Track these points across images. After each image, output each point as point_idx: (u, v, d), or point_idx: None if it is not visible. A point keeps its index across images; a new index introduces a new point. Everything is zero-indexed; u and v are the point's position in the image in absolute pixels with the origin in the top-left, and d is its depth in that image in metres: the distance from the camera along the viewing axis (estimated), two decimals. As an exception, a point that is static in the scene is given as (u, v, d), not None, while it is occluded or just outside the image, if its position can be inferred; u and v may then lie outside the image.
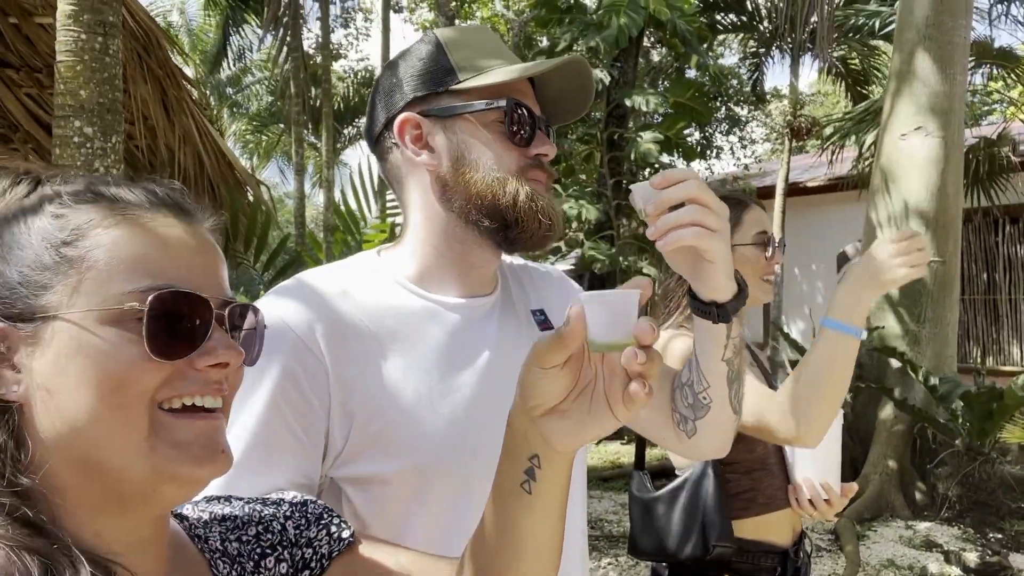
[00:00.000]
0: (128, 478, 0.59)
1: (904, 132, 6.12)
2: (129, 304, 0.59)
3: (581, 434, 0.67)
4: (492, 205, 1.01)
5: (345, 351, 0.96)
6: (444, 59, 1.03)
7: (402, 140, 1.04)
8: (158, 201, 0.65)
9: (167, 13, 16.25)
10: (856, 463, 5.93)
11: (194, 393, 0.61)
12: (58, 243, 0.61)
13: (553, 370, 0.65)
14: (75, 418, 0.58)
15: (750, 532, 1.62)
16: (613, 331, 0.64)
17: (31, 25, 4.17)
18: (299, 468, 0.93)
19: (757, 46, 12.25)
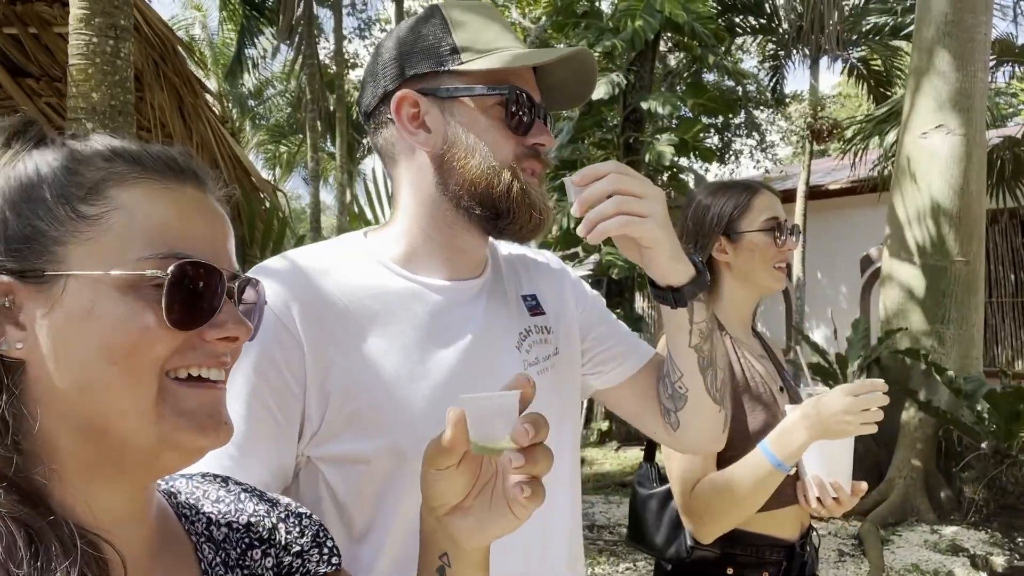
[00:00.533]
0: (132, 444, 0.58)
1: (925, 130, 6.03)
2: (151, 271, 0.57)
3: (484, 531, 0.69)
4: (485, 193, 0.99)
5: (322, 330, 0.94)
6: (448, 37, 1.00)
7: (398, 117, 1.01)
8: (176, 166, 0.63)
9: (189, 27, 16.50)
10: (881, 467, 5.83)
11: (202, 365, 0.61)
12: (73, 199, 0.58)
13: (448, 471, 0.66)
14: (83, 381, 0.57)
15: (756, 526, 1.58)
16: (492, 433, 0.65)
17: (50, 35, 4.25)
18: (278, 448, 0.93)
19: (776, 48, 12.16)
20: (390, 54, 1.04)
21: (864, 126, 10.14)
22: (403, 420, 0.95)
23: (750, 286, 1.74)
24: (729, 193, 1.74)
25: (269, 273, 0.98)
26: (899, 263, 6.17)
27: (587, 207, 0.92)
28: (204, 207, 0.63)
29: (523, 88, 1.00)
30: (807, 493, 1.59)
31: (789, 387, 1.77)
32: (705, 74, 11.22)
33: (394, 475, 0.94)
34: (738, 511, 1.52)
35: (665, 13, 8.50)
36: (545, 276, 1.21)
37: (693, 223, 1.75)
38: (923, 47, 6.14)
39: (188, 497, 0.72)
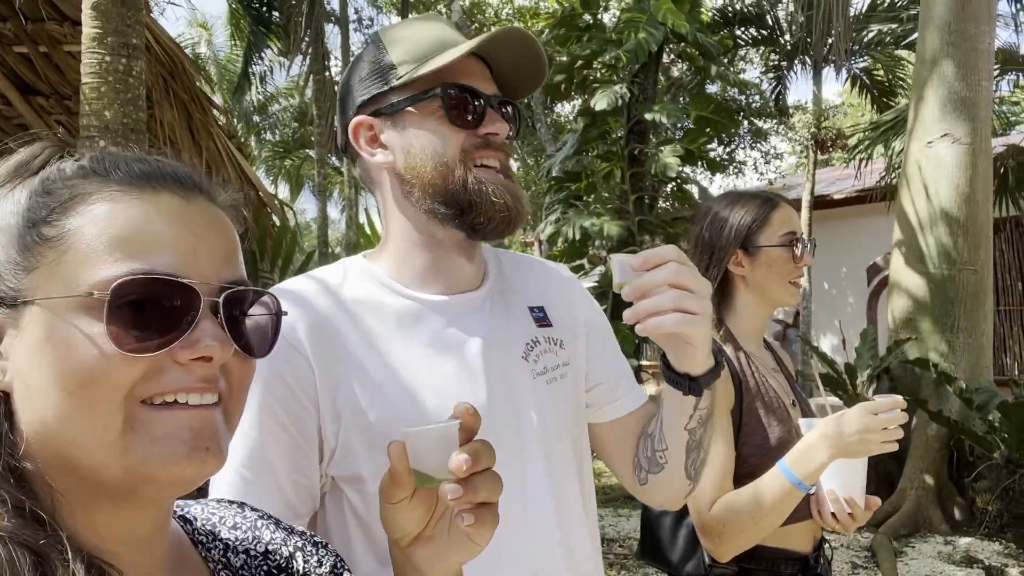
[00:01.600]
0: (103, 478, 0.55)
1: (931, 139, 6.04)
2: (98, 292, 0.53)
3: (446, 559, 0.70)
4: (443, 191, 1.01)
5: (330, 350, 0.96)
6: (385, 57, 1.04)
7: (357, 143, 1.06)
8: (156, 175, 0.59)
9: (195, 45, 16.63)
10: (892, 478, 5.79)
11: (176, 390, 0.55)
12: (40, 223, 0.56)
13: (402, 503, 0.67)
14: (45, 413, 0.54)
15: (770, 540, 1.57)
16: (432, 465, 0.65)
17: (60, 53, 4.29)
18: (296, 466, 0.94)
19: (779, 59, 12.21)
20: (345, 89, 1.09)
21: (869, 135, 10.16)
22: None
23: (764, 300, 1.73)
24: (748, 206, 1.72)
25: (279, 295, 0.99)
26: (907, 272, 6.16)
27: (640, 295, 0.88)
28: (181, 214, 0.58)
29: (461, 83, 1.02)
30: (822, 508, 1.58)
31: (801, 400, 1.76)
32: (708, 85, 11.26)
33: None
34: (757, 530, 1.50)
35: (668, 25, 8.55)
36: (555, 288, 1.21)
37: (710, 235, 1.74)
38: (927, 57, 6.15)
39: (204, 523, 0.70)
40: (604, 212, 8.73)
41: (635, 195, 9.20)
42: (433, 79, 1.01)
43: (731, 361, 1.63)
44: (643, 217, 9.14)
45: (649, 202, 9.69)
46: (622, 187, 9.36)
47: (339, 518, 0.98)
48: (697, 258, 1.76)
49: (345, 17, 9.77)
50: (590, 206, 8.96)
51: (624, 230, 8.79)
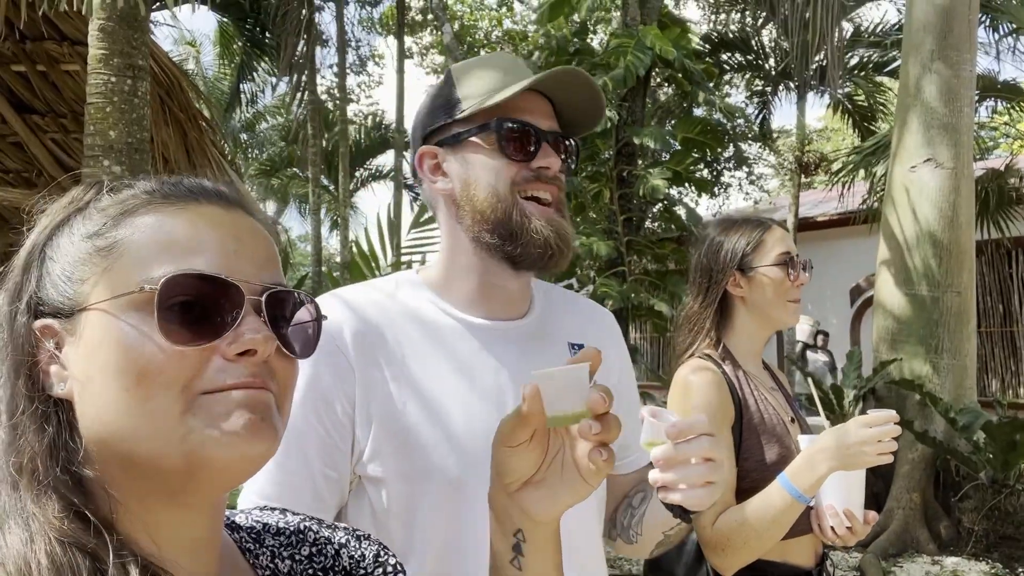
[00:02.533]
0: (163, 467, 0.56)
1: (914, 164, 6.16)
2: (148, 286, 0.56)
3: (557, 502, 0.71)
4: (493, 219, 1.07)
5: (371, 356, 1.03)
6: (451, 91, 1.12)
7: (421, 170, 1.14)
8: (198, 189, 0.64)
9: (183, 62, 16.63)
10: (878, 498, 5.83)
11: (229, 387, 0.57)
12: (92, 235, 0.60)
13: (521, 446, 0.69)
14: (106, 412, 0.57)
15: (772, 554, 1.60)
16: (567, 404, 0.67)
17: (58, 72, 4.31)
18: (330, 461, 1.00)
19: (763, 84, 12.41)
20: (417, 120, 1.18)
21: (852, 159, 10.34)
22: (439, 446, 1.01)
23: (763, 320, 1.78)
24: (742, 229, 1.79)
25: (328, 302, 1.07)
26: (892, 293, 6.24)
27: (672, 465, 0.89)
28: (224, 222, 0.61)
29: (519, 119, 1.08)
30: (822, 522, 1.61)
31: (799, 418, 1.80)
32: (695, 109, 11.42)
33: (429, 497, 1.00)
34: (759, 543, 1.54)
35: (656, 50, 8.68)
36: (596, 329, 1.26)
37: (707, 259, 1.79)
38: (909, 83, 6.29)
39: (249, 531, 0.72)
40: (593, 232, 8.80)
41: (623, 216, 9.28)
42: (492, 113, 1.08)
43: (731, 379, 1.67)
44: (631, 237, 9.21)
45: (637, 223, 9.78)
46: (611, 208, 9.44)
47: (358, 516, 1.03)
48: (696, 282, 1.82)
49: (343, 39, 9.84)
50: (579, 226, 9.03)
51: (613, 250, 8.86)
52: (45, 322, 0.59)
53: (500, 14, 16.83)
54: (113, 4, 2.69)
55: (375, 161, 15.73)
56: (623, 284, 8.76)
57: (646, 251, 9.51)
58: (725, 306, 1.79)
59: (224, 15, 9.72)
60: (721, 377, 1.66)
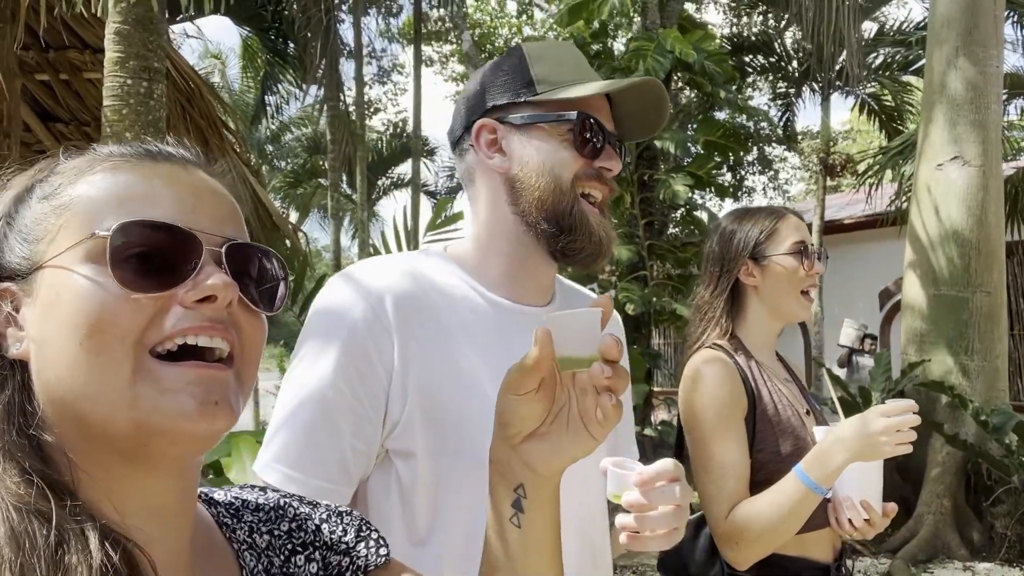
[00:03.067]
0: (113, 432, 0.55)
1: (940, 162, 6.05)
2: (100, 231, 0.55)
3: (561, 455, 0.70)
4: (552, 209, 1.07)
5: (411, 328, 1.00)
6: (525, 71, 1.10)
7: (478, 143, 1.11)
8: (156, 150, 0.63)
9: (208, 75, 16.91)
10: (908, 503, 5.71)
11: (186, 331, 0.55)
12: (48, 195, 0.60)
13: (528, 395, 0.68)
14: (59, 367, 0.55)
15: (789, 548, 1.56)
16: (579, 349, 0.67)
17: (80, 81, 4.39)
18: (360, 433, 0.97)
19: (787, 86, 12.30)
20: (474, 88, 1.14)
21: (878, 159, 10.18)
22: (472, 424, 0.98)
23: (776, 311, 1.74)
24: (755, 218, 1.76)
25: (362, 270, 1.06)
26: (919, 295, 6.13)
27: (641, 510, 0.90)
28: (181, 179, 0.61)
29: (593, 115, 1.08)
30: (839, 515, 1.57)
31: (815, 410, 1.76)
32: (717, 112, 11.34)
33: (457, 476, 0.98)
34: (774, 536, 1.50)
35: (676, 53, 8.64)
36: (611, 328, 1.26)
37: (719, 248, 1.76)
38: (934, 79, 6.19)
39: (228, 507, 0.71)
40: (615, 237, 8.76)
41: (645, 220, 9.23)
42: (569, 104, 1.07)
43: (743, 370, 1.64)
44: (653, 242, 9.16)
45: (659, 227, 9.72)
46: (631, 212, 9.39)
47: (384, 490, 1.01)
48: (708, 272, 1.79)
49: (359, 48, 9.93)
50: (600, 231, 8.99)
51: (634, 255, 8.81)
52: (2, 285, 0.58)
53: (520, 21, 16.90)
54: (128, 8, 2.73)
55: (397, 169, 15.85)
56: (644, 289, 8.70)
57: (668, 256, 9.44)
58: (737, 296, 1.76)
59: (247, 27, 9.87)
60: (733, 367, 1.62)
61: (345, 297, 1.01)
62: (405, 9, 13.29)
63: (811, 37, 8.55)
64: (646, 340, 9.47)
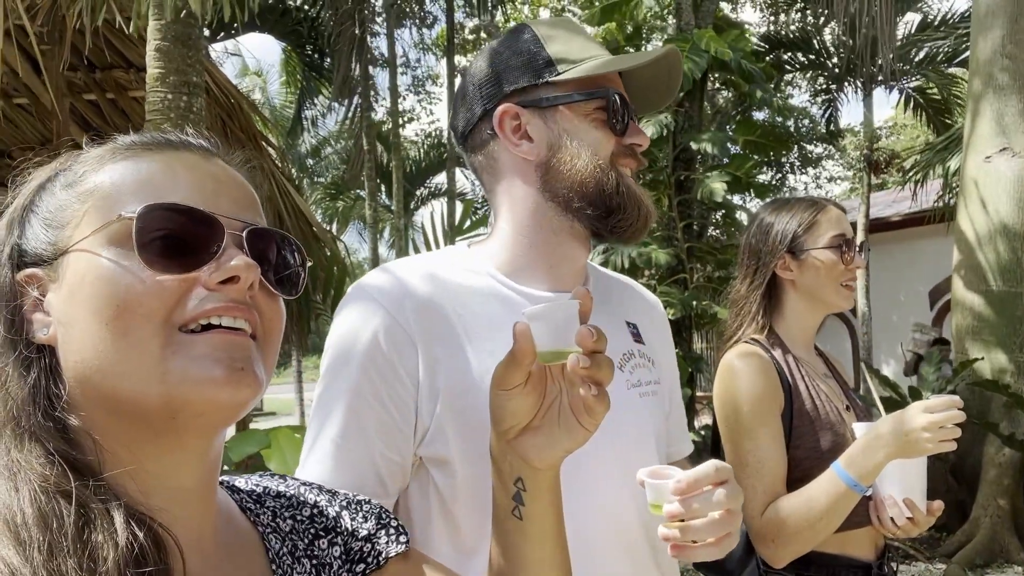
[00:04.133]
0: (143, 407, 0.56)
1: (989, 154, 5.87)
2: (125, 212, 0.57)
3: (556, 447, 0.70)
4: (596, 192, 1.02)
5: (434, 330, 0.97)
6: (541, 51, 1.04)
7: (502, 131, 1.05)
8: (179, 141, 0.65)
9: (249, 92, 17.30)
10: (964, 506, 5.52)
11: (209, 313, 0.57)
12: (72, 183, 0.62)
13: (516, 390, 0.69)
14: (87, 348, 0.57)
15: (829, 546, 1.53)
16: (557, 341, 0.67)
17: (126, 99, 4.53)
18: (391, 443, 0.94)
19: (827, 83, 12.08)
20: (485, 74, 1.08)
21: (924, 155, 9.93)
22: None
23: (815, 304, 1.71)
24: (793, 210, 1.72)
25: (381, 276, 1.02)
26: (969, 291, 5.95)
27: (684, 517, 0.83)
28: (201, 167, 0.62)
29: (619, 91, 1.05)
30: (880, 513, 1.53)
31: (855, 405, 1.72)
32: (755, 112, 11.19)
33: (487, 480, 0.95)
34: (812, 534, 1.47)
35: (712, 52, 8.56)
36: (647, 311, 1.22)
37: (756, 240, 1.73)
38: (980, 70, 6.02)
39: (249, 494, 0.72)
40: (651, 240, 8.68)
41: (683, 222, 9.14)
42: (595, 82, 1.03)
43: (780, 365, 1.61)
44: (692, 244, 9.06)
45: (698, 229, 9.61)
46: (670, 214, 9.31)
47: (423, 502, 0.97)
48: (744, 265, 1.76)
49: (393, 59, 10.07)
50: (638, 234, 8.93)
51: (672, 258, 8.72)
52: (28, 271, 0.60)
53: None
54: (168, 25, 2.81)
55: (435, 179, 15.98)
56: (684, 292, 8.61)
57: (708, 258, 9.33)
58: (774, 289, 1.72)
59: (283, 41, 10.08)
60: (769, 362, 1.60)
61: (362, 308, 0.97)
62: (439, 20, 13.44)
63: (851, 32, 8.38)
64: (687, 344, 9.36)
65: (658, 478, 0.87)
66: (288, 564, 0.67)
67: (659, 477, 0.87)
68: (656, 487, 0.86)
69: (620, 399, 1.04)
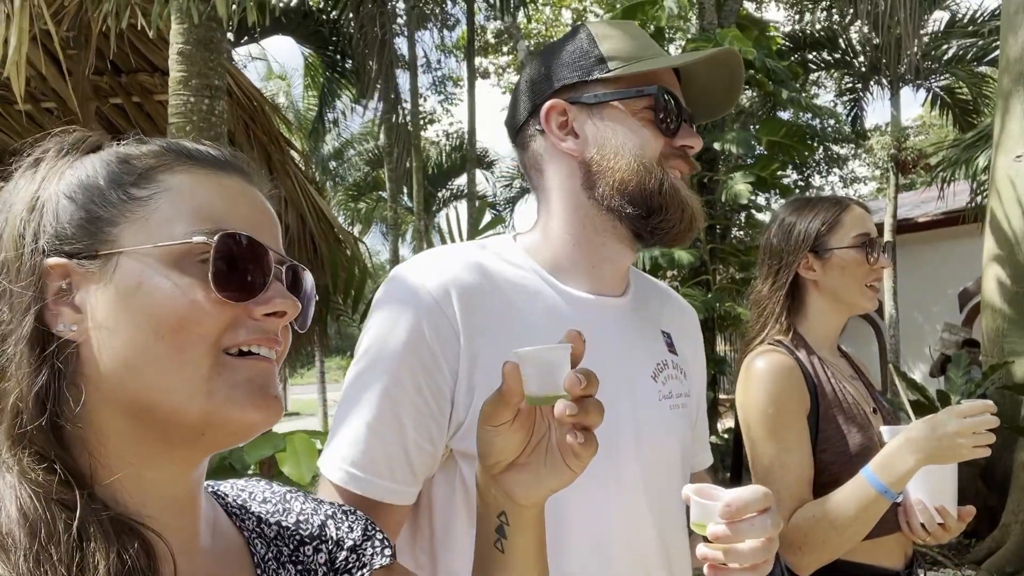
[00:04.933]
0: (178, 421, 0.58)
1: (1019, 153, 5.75)
2: (198, 238, 0.58)
3: (541, 486, 0.70)
4: (637, 191, 1.00)
5: (476, 322, 0.95)
6: (594, 49, 1.04)
7: (547, 126, 1.04)
8: (223, 160, 0.66)
9: (273, 96, 17.46)
10: (993, 512, 5.41)
11: (251, 342, 0.60)
12: (125, 183, 0.61)
13: (503, 427, 0.68)
14: (131, 358, 0.57)
15: (856, 554, 1.49)
16: (546, 384, 0.66)
17: (151, 103, 4.58)
18: (425, 432, 0.93)
19: (854, 81, 11.93)
20: (538, 71, 1.08)
21: (951, 154, 9.75)
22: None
23: (839, 305, 1.67)
24: (816, 209, 1.68)
25: (427, 261, 1.01)
26: (999, 293, 5.83)
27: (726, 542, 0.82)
28: (248, 195, 0.65)
29: (670, 90, 1.03)
30: (910, 519, 1.49)
31: (882, 408, 1.68)
32: (780, 112, 11.07)
33: None
34: (840, 541, 1.43)
35: (735, 52, 8.49)
36: (683, 321, 1.21)
37: (778, 240, 1.70)
38: (1010, 67, 5.90)
39: (235, 499, 0.73)
40: (674, 242, 8.63)
41: (706, 224, 9.07)
42: (645, 79, 1.02)
43: (804, 366, 1.58)
44: (716, 245, 8.99)
45: (721, 231, 9.53)
46: (693, 216, 9.24)
47: (447, 492, 0.96)
48: (766, 265, 1.73)
49: (414, 61, 10.10)
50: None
51: (695, 259, 8.65)
52: (59, 260, 0.59)
53: (576, 29, 16.85)
54: (190, 28, 2.84)
55: (456, 181, 16.01)
56: (708, 294, 8.54)
57: (731, 259, 9.25)
58: (797, 290, 1.69)
59: (306, 44, 10.15)
60: (794, 364, 1.56)
61: (406, 292, 0.96)
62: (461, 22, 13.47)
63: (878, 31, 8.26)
64: (710, 346, 9.28)
65: (704, 496, 0.86)
66: (273, 569, 0.68)
67: (705, 495, 0.86)
68: (704, 507, 0.85)
69: (652, 410, 1.04)
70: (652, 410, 1.04)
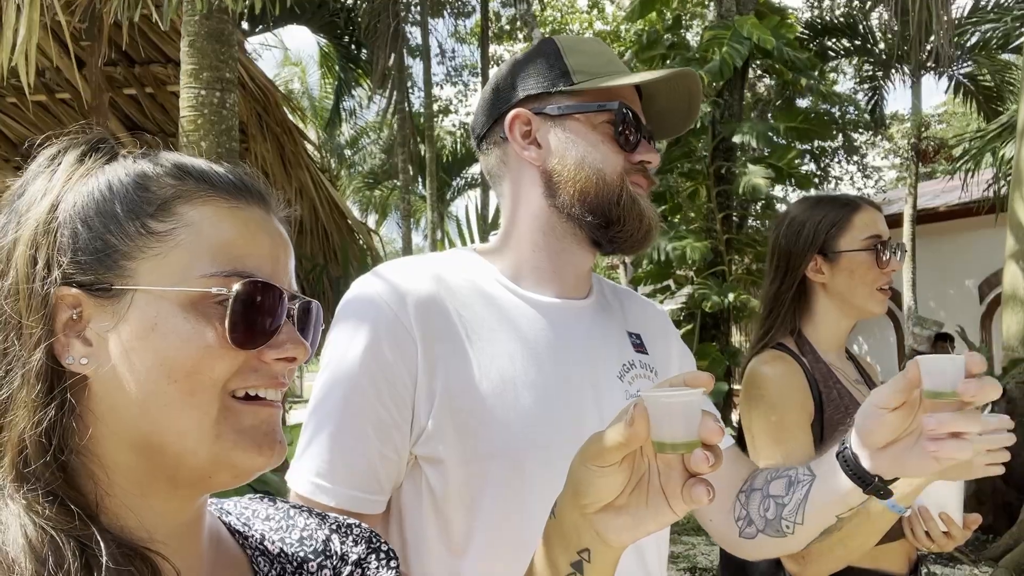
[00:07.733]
0: (187, 463, 0.58)
1: (1044, 143, 5.65)
2: (217, 288, 0.57)
3: (638, 529, 0.66)
4: (596, 202, 1.04)
5: (434, 329, 0.97)
6: (560, 62, 1.07)
7: (511, 134, 1.07)
8: (242, 186, 0.64)
9: (288, 82, 17.48)
10: (1011, 508, 5.35)
11: (259, 386, 0.60)
12: (143, 214, 0.59)
13: (610, 468, 0.64)
14: (143, 398, 0.56)
15: (862, 560, 1.46)
16: (678, 431, 0.62)
17: (164, 94, 4.59)
18: (388, 441, 0.95)
19: (874, 69, 11.75)
20: (504, 80, 1.11)
21: (974, 143, 9.59)
22: (505, 427, 0.95)
23: (847, 308, 1.62)
24: (826, 209, 1.64)
25: (385, 273, 1.02)
26: (1021, 287, 5.74)
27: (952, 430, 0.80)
28: (268, 227, 0.63)
29: (630, 107, 1.05)
30: (915, 527, 1.46)
31: None
32: (798, 100, 10.94)
33: (491, 481, 0.94)
34: (845, 553, 1.40)
35: (753, 40, 8.38)
36: (651, 320, 1.22)
37: (786, 240, 1.65)
38: (1036, 56, 5.78)
39: (239, 517, 0.72)
40: (688, 234, 8.56)
41: (722, 213, 8.99)
42: (607, 95, 1.05)
43: (809, 371, 1.54)
44: (731, 236, 8.91)
45: (738, 220, 9.45)
46: (708, 206, 9.17)
47: (415, 500, 0.97)
48: (774, 266, 1.69)
49: (427, 49, 10.06)
50: (675, 227, 8.82)
51: (708, 251, 8.59)
52: (71, 291, 0.57)
53: (591, 16, 16.75)
54: (201, 21, 2.82)
55: (471, 170, 15.97)
56: (723, 285, 8.48)
57: (747, 250, 9.18)
58: (804, 292, 1.65)
59: (320, 33, 10.14)
60: (798, 368, 1.53)
61: (364, 304, 0.98)
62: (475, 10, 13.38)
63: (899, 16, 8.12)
64: (725, 338, 9.23)
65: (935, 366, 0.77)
66: None
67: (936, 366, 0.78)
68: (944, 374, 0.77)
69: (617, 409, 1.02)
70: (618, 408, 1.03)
